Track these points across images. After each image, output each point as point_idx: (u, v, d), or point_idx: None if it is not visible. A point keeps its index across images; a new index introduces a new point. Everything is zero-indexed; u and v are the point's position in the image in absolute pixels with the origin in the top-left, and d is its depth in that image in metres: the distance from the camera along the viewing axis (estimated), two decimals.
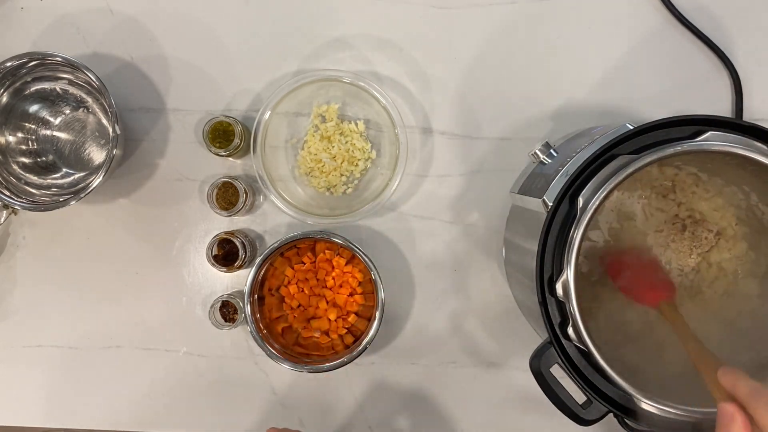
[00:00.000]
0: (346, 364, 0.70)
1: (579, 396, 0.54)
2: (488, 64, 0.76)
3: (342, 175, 0.76)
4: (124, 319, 0.78)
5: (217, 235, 0.73)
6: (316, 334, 0.75)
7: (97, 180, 0.70)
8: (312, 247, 0.76)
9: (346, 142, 0.76)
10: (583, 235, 0.52)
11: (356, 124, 0.76)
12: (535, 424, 0.77)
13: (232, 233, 0.73)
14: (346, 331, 0.75)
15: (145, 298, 0.78)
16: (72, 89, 0.77)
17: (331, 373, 0.74)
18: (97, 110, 0.77)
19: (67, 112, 0.78)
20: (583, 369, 0.54)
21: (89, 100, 0.77)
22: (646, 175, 0.62)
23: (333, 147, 0.75)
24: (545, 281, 0.54)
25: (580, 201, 0.52)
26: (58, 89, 0.76)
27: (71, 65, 0.71)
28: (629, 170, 0.52)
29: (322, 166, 0.76)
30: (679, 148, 0.52)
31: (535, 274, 0.54)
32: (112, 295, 0.78)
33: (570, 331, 0.53)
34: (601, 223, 0.64)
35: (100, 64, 0.77)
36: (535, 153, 0.65)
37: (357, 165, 0.76)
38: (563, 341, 0.54)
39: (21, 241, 0.79)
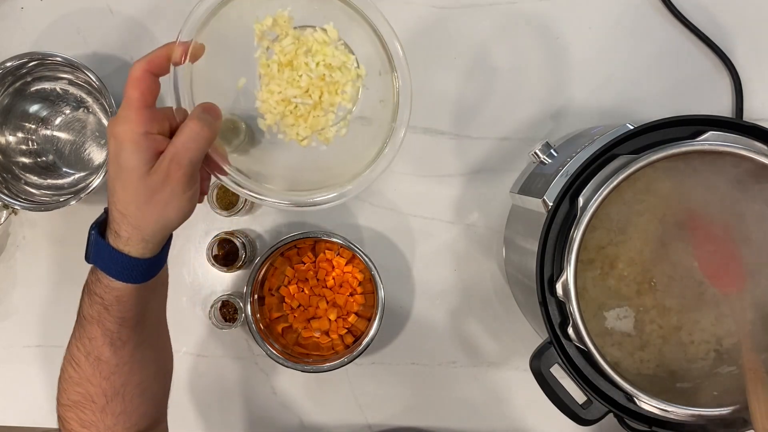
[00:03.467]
0: (346, 364, 0.70)
1: (579, 396, 0.54)
2: (488, 64, 0.76)
3: (327, 111, 0.55)
4: None
5: (217, 235, 0.73)
6: (316, 334, 0.75)
7: (97, 180, 0.70)
8: (312, 247, 0.76)
9: (318, 63, 0.53)
10: (584, 235, 0.52)
11: (324, 31, 0.54)
12: (535, 424, 0.77)
13: (232, 233, 0.73)
14: (346, 331, 0.75)
15: None
16: (72, 89, 0.77)
17: (331, 373, 0.74)
18: (97, 110, 0.77)
19: (67, 112, 0.78)
20: (583, 369, 0.54)
21: (89, 100, 0.77)
22: None
23: (301, 76, 0.53)
24: (545, 281, 0.54)
25: (581, 201, 0.52)
26: (58, 89, 0.76)
27: (71, 65, 0.71)
28: (629, 170, 0.52)
29: (295, 109, 0.54)
30: (679, 148, 0.52)
31: (536, 274, 0.54)
32: None
33: (570, 331, 0.53)
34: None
35: (100, 64, 0.77)
36: (535, 153, 0.65)
37: (344, 91, 0.55)
38: (563, 341, 0.54)
39: (21, 241, 0.79)
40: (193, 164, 0.47)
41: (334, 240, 0.71)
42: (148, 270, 0.50)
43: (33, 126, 0.77)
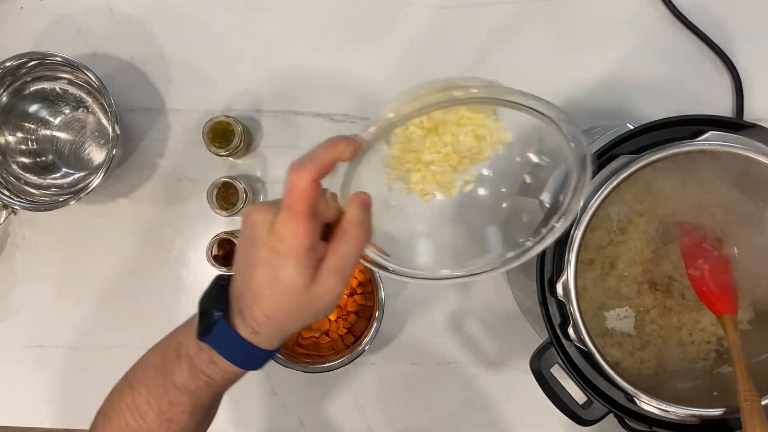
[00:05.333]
0: (346, 364, 0.70)
1: (579, 396, 0.54)
2: (488, 64, 0.76)
3: (459, 171, 0.51)
4: (124, 319, 0.78)
5: (217, 235, 0.73)
6: (316, 334, 0.75)
7: (96, 180, 0.70)
8: None
9: (467, 134, 0.49)
10: (584, 235, 0.52)
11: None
12: (535, 424, 0.77)
13: (232, 233, 0.73)
14: (346, 331, 0.75)
15: (145, 298, 0.78)
16: (72, 89, 0.77)
17: (331, 373, 0.74)
18: (97, 110, 0.77)
19: (67, 112, 0.78)
20: (583, 369, 0.54)
21: (89, 100, 0.77)
22: None
23: (446, 145, 0.49)
24: (545, 281, 0.54)
25: (581, 201, 0.52)
26: (57, 89, 0.76)
27: (71, 65, 0.71)
28: (629, 170, 0.52)
29: (431, 164, 0.50)
30: (679, 148, 0.52)
31: (536, 274, 0.54)
32: (112, 295, 0.78)
33: (570, 331, 0.53)
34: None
35: (100, 64, 0.77)
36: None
37: (483, 155, 0.50)
38: (563, 341, 0.54)
39: (21, 241, 0.79)
40: (352, 271, 0.44)
41: None
42: (272, 357, 0.48)
43: (33, 126, 0.77)
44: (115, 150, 0.70)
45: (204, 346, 0.45)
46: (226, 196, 0.74)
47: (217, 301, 0.45)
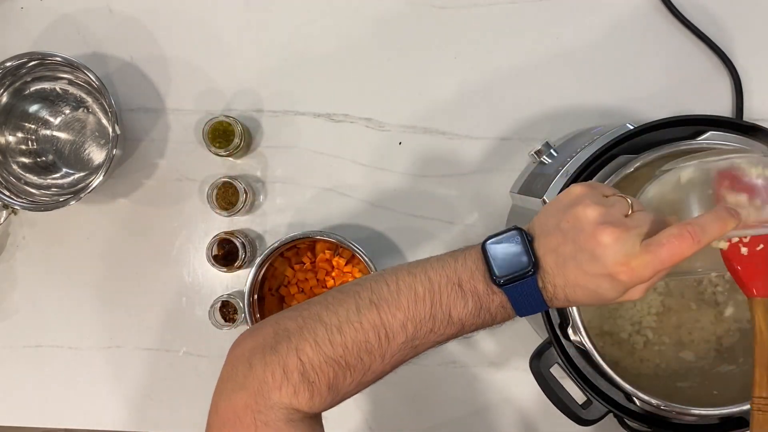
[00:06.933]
0: None
1: (579, 396, 0.54)
2: (488, 64, 0.76)
3: None
4: (124, 319, 0.78)
5: (217, 235, 0.73)
6: None
7: (97, 180, 0.70)
8: (312, 247, 0.76)
9: None
10: None
11: None
12: (535, 424, 0.77)
13: (232, 233, 0.73)
14: None
15: (145, 298, 0.78)
16: (72, 89, 0.77)
17: None
18: (97, 110, 0.77)
19: (67, 112, 0.78)
20: (582, 369, 0.54)
21: (89, 100, 0.77)
22: None
23: None
24: None
25: None
26: (57, 89, 0.76)
27: (71, 65, 0.71)
28: (629, 170, 0.52)
29: None
30: (679, 147, 0.52)
31: None
32: (112, 295, 0.78)
33: (570, 331, 0.53)
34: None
35: (100, 64, 0.77)
36: (535, 153, 0.65)
37: None
38: (563, 341, 0.54)
39: (21, 241, 0.79)
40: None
41: (334, 240, 0.71)
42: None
43: (33, 126, 0.77)
44: (115, 150, 0.70)
45: (496, 290, 0.45)
46: (226, 196, 0.74)
47: (528, 256, 0.44)
